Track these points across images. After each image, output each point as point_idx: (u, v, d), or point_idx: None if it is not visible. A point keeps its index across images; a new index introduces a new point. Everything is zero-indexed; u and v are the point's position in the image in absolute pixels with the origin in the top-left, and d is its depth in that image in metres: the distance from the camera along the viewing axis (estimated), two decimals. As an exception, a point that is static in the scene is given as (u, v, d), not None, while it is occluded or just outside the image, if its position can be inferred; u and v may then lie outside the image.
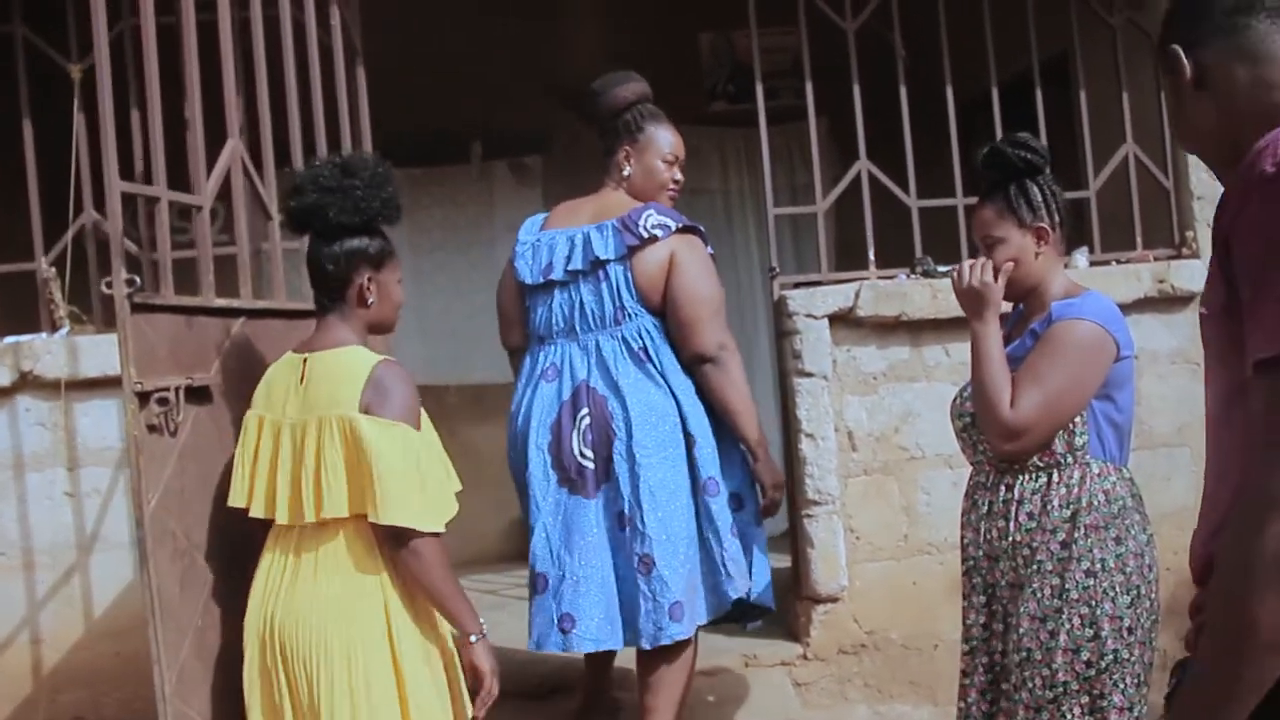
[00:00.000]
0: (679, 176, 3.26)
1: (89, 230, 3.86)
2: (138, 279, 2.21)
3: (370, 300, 2.43)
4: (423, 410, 2.41)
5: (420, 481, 2.28)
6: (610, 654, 3.25)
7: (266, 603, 2.33)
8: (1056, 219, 2.42)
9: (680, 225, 3.05)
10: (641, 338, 3.03)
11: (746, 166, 6.04)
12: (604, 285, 3.03)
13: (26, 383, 3.63)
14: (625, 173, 3.19)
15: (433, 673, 2.36)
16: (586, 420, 3.00)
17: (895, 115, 4.16)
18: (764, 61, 4.17)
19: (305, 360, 2.39)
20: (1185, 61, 1.45)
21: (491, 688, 2.38)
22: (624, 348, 3.03)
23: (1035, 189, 2.42)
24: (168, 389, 2.27)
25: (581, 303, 3.05)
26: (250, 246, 2.84)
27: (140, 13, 2.36)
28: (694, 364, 3.05)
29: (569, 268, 3.06)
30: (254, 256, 2.89)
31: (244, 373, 2.58)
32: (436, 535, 2.29)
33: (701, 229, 3.14)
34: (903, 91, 4.19)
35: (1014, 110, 4.26)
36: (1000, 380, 2.29)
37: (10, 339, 3.66)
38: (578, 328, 3.06)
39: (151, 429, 2.24)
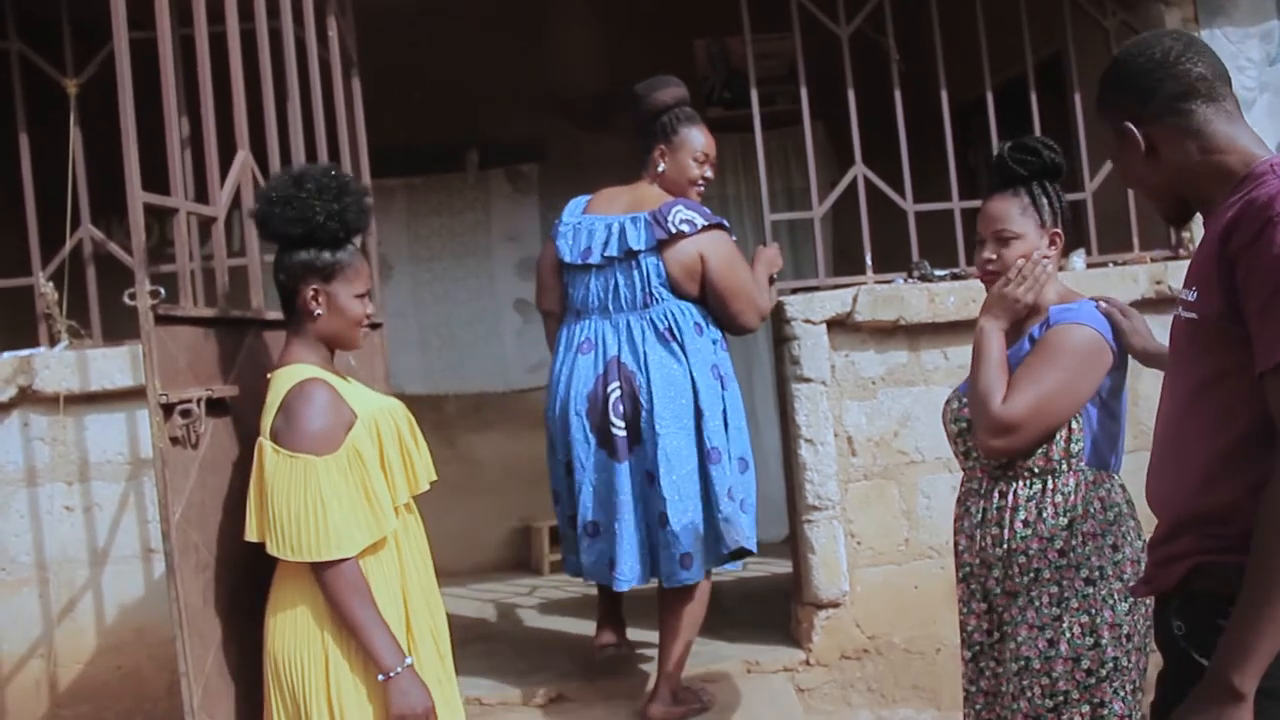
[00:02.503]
0: (709, 174, 3.61)
1: (85, 245, 3.84)
2: (162, 290, 2.21)
3: (317, 312, 2.37)
4: (374, 421, 2.34)
5: (320, 512, 2.20)
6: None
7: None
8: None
9: (706, 223, 3.41)
10: (667, 319, 3.40)
11: (743, 172, 6.03)
12: (636, 273, 3.40)
13: (25, 397, 3.62)
14: (660, 169, 3.55)
15: (372, 709, 2.26)
16: (617, 392, 3.37)
17: (890, 120, 4.18)
18: (759, 67, 4.21)
19: (269, 379, 2.38)
20: (1137, 135, 1.75)
21: None
22: (651, 328, 3.40)
23: (1054, 192, 2.40)
24: (190, 401, 2.27)
25: (616, 285, 3.43)
26: (260, 257, 2.84)
27: (157, 26, 2.35)
28: (743, 334, 3.63)
29: (605, 254, 3.43)
30: (264, 266, 2.88)
31: (256, 385, 2.56)
32: (340, 563, 2.21)
33: (725, 223, 3.51)
34: (897, 96, 4.21)
35: (1009, 113, 4.29)
36: (997, 378, 2.28)
37: (9, 354, 3.64)
38: (610, 307, 3.44)
39: (174, 441, 2.24)
